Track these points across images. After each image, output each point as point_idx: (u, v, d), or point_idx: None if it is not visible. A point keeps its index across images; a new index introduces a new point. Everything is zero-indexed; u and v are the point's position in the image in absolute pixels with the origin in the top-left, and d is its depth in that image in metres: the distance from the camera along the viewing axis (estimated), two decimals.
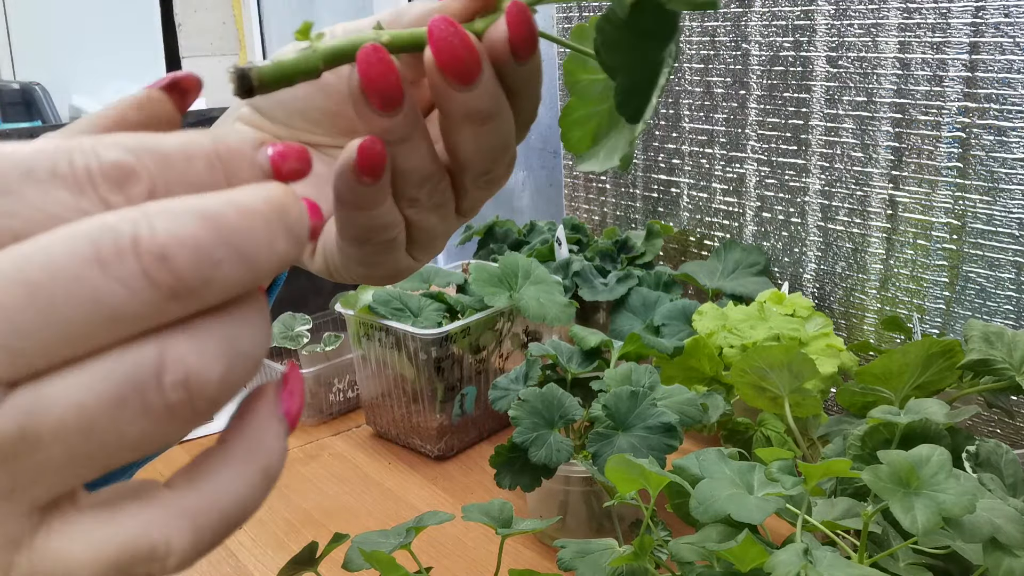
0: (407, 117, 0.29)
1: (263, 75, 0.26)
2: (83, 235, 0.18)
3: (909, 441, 0.58)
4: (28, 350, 0.18)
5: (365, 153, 0.30)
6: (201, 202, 0.19)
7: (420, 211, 0.33)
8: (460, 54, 0.28)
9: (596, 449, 0.68)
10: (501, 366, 0.96)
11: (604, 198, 1.28)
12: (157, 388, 0.19)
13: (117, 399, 0.18)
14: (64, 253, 0.18)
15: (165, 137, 0.20)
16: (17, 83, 2.38)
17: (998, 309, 0.85)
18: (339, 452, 0.96)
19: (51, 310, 0.18)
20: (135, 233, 0.18)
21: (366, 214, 0.32)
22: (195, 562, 0.20)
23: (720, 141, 1.09)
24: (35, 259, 0.18)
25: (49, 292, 0.18)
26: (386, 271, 0.35)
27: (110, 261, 0.18)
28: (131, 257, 0.18)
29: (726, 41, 1.05)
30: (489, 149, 0.32)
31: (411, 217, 0.33)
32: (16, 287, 0.18)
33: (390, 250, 0.34)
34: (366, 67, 0.28)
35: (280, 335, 1.04)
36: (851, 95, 0.93)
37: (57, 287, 0.18)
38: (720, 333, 0.86)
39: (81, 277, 0.18)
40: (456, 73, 0.29)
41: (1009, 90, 0.81)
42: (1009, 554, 0.48)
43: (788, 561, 0.46)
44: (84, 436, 0.18)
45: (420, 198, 0.32)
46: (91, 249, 0.18)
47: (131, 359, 0.19)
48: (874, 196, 0.94)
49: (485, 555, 0.75)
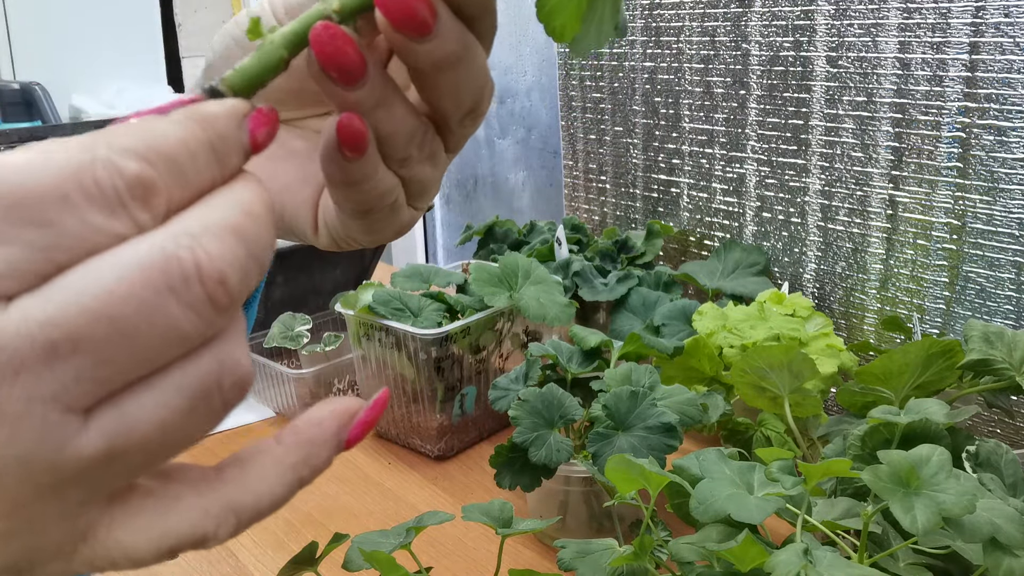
0: (375, 83, 0.28)
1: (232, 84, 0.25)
2: (151, 265, 0.19)
3: (909, 441, 0.58)
4: (109, 377, 0.19)
5: (345, 130, 0.29)
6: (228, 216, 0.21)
7: (413, 167, 0.32)
8: (411, 6, 0.27)
9: (596, 449, 0.68)
10: (501, 366, 0.96)
11: (604, 198, 1.28)
12: (219, 392, 0.21)
13: (190, 408, 0.20)
14: (141, 285, 0.19)
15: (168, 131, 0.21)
16: (17, 83, 2.37)
17: (998, 309, 0.85)
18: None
19: (134, 338, 0.19)
20: (196, 260, 0.20)
21: (361, 187, 0.31)
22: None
23: (720, 141, 1.09)
24: (116, 292, 0.19)
25: (132, 323, 0.19)
26: (392, 230, 0.35)
27: (180, 290, 0.19)
28: (197, 284, 0.20)
29: (726, 41, 1.05)
30: (467, 90, 0.30)
31: (406, 175, 0.32)
32: (100, 322, 0.19)
33: (392, 212, 0.33)
34: (320, 47, 0.26)
35: (280, 335, 1.04)
36: (851, 95, 0.93)
37: (140, 318, 0.19)
38: (720, 333, 0.86)
39: (158, 307, 0.19)
40: (412, 26, 0.27)
41: (1009, 90, 0.81)
42: (1009, 554, 0.48)
43: (788, 561, 0.46)
44: (160, 443, 0.20)
45: (411, 155, 0.31)
46: (163, 280, 0.19)
47: (196, 371, 0.20)
48: (874, 196, 0.94)
49: (485, 555, 0.75)
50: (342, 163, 0.30)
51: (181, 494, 0.22)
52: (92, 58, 2.55)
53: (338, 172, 0.30)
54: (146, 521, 0.21)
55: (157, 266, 0.19)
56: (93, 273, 0.19)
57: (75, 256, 0.19)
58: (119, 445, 0.20)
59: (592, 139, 1.27)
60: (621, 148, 1.23)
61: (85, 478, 0.20)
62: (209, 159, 0.22)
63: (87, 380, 0.19)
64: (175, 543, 0.21)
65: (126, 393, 0.20)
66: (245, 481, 0.23)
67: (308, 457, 0.24)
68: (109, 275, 0.19)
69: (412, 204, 0.34)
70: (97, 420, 0.19)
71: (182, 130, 0.21)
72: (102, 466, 0.20)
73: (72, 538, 0.20)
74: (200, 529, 0.22)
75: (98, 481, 0.20)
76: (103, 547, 0.21)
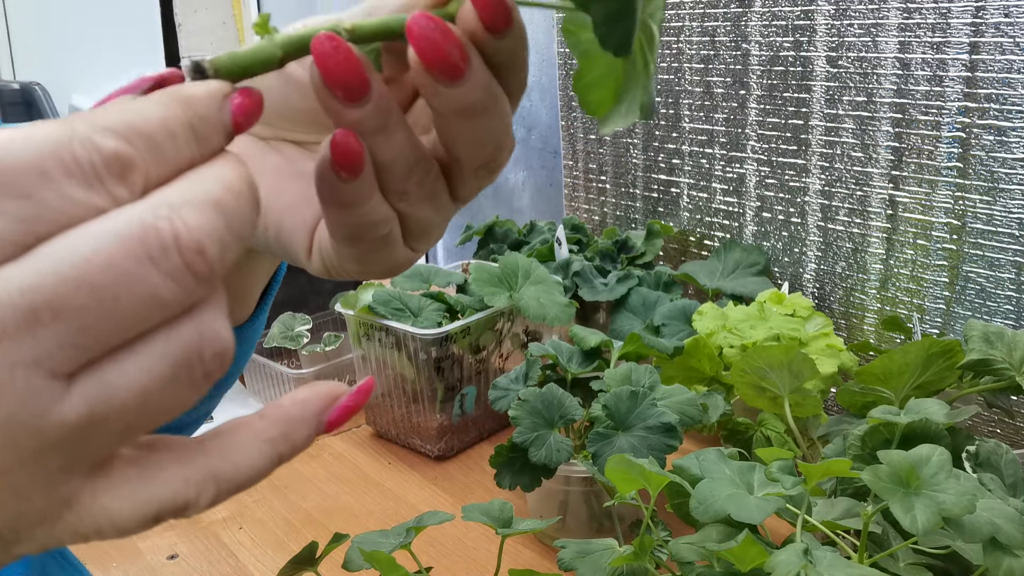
0: (377, 106, 0.28)
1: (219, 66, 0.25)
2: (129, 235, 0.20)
3: (909, 441, 0.58)
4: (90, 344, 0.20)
5: (338, 148, 0.28)
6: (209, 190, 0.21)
7: (411, 203, 0.31)
8: (444, 48, 0.27)
9: (596, 449, 0.68)
10: (501, 366, 0.96)
11: (604, 198, 1.28)
12: (199, 361, 0.21)
13: (171, 376, 0.21)
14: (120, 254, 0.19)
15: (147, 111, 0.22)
16: (17, 83, 2.38)
17: (998, 309, 0.85)
18: (339, 452, 0.96)
19: (113, 306, 0.20)
20: (174, 230, 0.20)
21: (353, 212, 0.30)
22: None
23: (720, 141, 1.09)
24: (95, 260, 0.19)
25: (113, 291, 0.19)
26: (385, 266, 0.34)
27: (158, 258, 0.20)
28: (175, 253, 0.20)
29: (726, 41, 1.05)
30: (488, 141, 0.30)
31: (403, 210, 0.32)
32: (80, 289, 0.19)
33: (385, 246, 0.33)
34: (322, 56, 0.26)
35: (280, 335, 1.04)
36: (851, 95, 0.93)
37: (120, 286, 0.19)
38: (720, 333, 0.86)
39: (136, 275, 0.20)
40: (443, 69, 0.27)
41: (1009, 90, 0.81)
42: (1009, 554, 0.48)
43: (788, 561, 0.46)
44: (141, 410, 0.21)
45: (409, 190, 0.31)
46: (142, 248, 0.20)
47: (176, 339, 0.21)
48: (874, 196, 0.94)
49: (485, 555, 0.75)
50: (334, 182, 0.29)
51: (163, 463, 0.22)
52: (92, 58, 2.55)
53: (328, 192, 0.30)
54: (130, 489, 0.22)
55: (136, 236, 0.20)
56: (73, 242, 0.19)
57: (55, 227, 0.20)
58: (101, 411, 0.20)
59: (592, 139, 1.27)
60: (621, 148, 1.23)
61: (67, 444, 0.20)
62: (189, 138, 0.22)
63: (69, 346, 0.19)
64: (158, 510, 0.22)
65: (108, 360, 0.20)
66: (225, 452, 0.23)
67: (288, 433, 0.24)
68: (88, 244, 0.19)
69: (409, 244, 0.34)
70: (80, 386, 0.20)
71: (162, 110, 0.22)
72: (84, 432, 0.20)
73: (56, 506, 0.21)
74: (182, 496, 0.22)
75: (80, 448, 0.20)
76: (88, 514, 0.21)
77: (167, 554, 0.79)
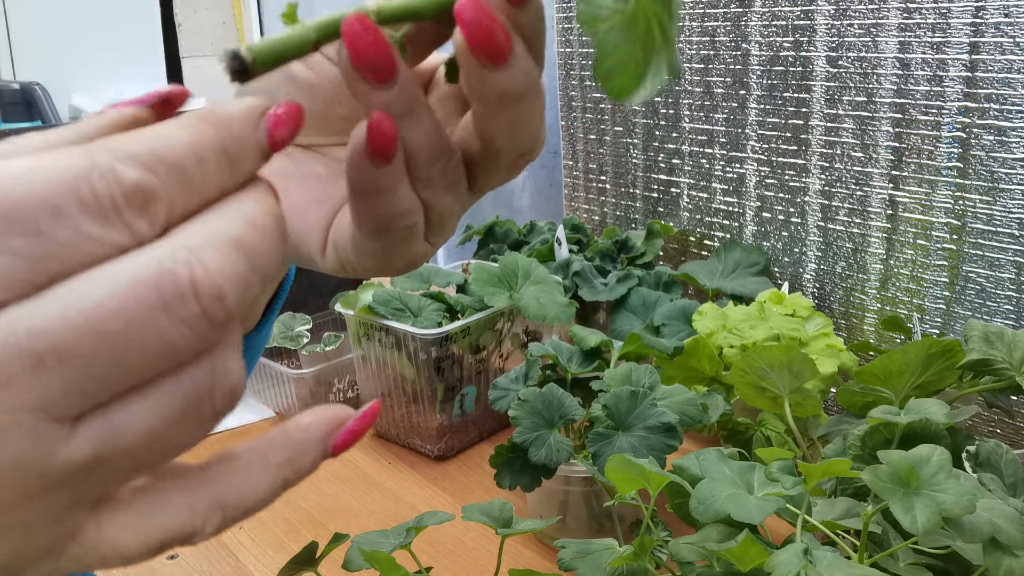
0: (404, 90, 0.28)
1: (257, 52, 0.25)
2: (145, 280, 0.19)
3: (909, 441, 0.58)
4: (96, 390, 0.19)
5: (375, 130, 0.28)
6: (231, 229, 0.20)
7: (435, 191, 0.32)
8: (492, 31, 0.27)
9: (596, 449, 0.68)
10: (501, 366, 0.96)
11: (604, 198, 1.28)
12: (210, 401, 0.21)
13: (180, 418, 0.20)
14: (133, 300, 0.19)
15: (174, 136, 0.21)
16: (17, 83, 2.38)
17: (998, 309, 0.85)
18: None
19: (123, 353, 0.19)
20: (192, 276, 0.19)
21: (384, 201, 0.30)
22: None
23: (720, 141, 1.09)
24: (106, 307, 0.19)
25: (122, 339, 0.19)
26: (404, 261, 0.34)
27: (174, 305, 0.19)
28: (192, 300, 0.19)
29: (726, 41, 1.05)
30: (527, 130, 0.30)
31: (427, 199, 0.32)
32: (88, 336, 0.19)
33: (409, 238, 0.33)
34: (351, 37, 0.26)
35: (280, 335, 1.04)
36: (851, 95, 0.93)
37: (130, 334, 0.19)
38: (720, 333, 0.86)
39: (149, 323, 0.19)
40: (490, 53, 0.27)
41: (1009, 90, 0.81)
42: (1009, 554, 0.48)
43: (788, 561, 0.46)
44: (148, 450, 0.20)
45: (434, 177, 0.31)
46: (156, 296, 0.19)
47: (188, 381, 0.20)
48: (874, 196, 0.94)
49: (485, 555, 0.75)
50: (368, 169, 0.29)
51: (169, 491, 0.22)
52: (92, 58, 2.55)
53: (362, 177, 0.30)
54: (135, 519, 0.21)
55: (151, 281, 0.19)
56: (85, 286, 0.19)
57: (69, 266, 0.19)
58: (106, 452, 0.20)
59: (592, 139, 1.27)
60: (621, 148, 1.23)
61: (73, 482, 0.20)
62: (220, 163, 0.21)
63: (75, 392, 0.19)
64: (164, 540, 0.22)
65: (115, 402, 0.20)
66: (231, 478, 0.23)
67: (293, 459, 0.24)
68: (101, 289, 0.19)
69: (428, 238, 0.34)
70: (86, 427, 0.19)
71: (191, 134, 0.21)
72: (90, 471, 0.20)
73: (61, 539, 0.21)
74: (188, 526, 0.22)
75: (86, 485, 0.20)
76: (93, 546, 0.21)
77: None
